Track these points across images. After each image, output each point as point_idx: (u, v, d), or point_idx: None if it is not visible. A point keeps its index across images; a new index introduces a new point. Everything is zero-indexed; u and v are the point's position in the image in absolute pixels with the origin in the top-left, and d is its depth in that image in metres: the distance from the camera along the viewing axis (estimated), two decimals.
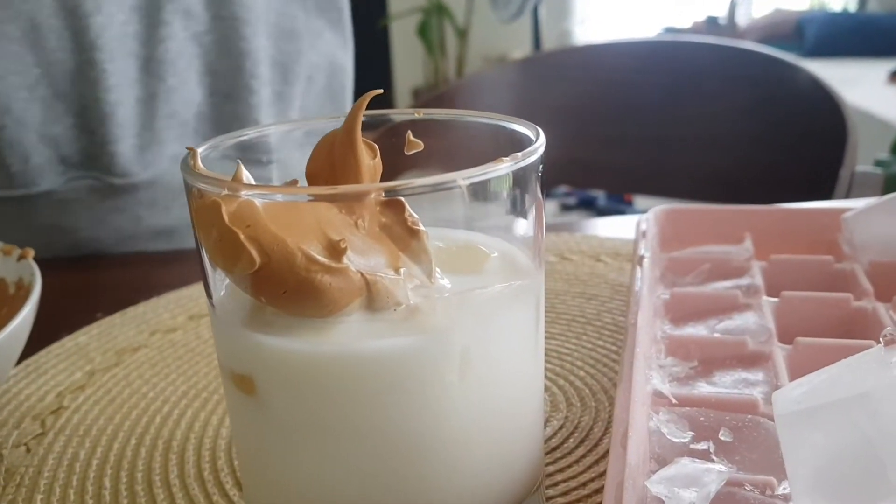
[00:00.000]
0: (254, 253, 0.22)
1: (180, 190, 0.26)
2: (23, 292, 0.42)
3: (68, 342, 0.48)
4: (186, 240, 0.64)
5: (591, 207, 2.70)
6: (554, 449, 0.35)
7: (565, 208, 2.71)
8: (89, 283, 0.60)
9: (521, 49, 3.20)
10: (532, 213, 0.26)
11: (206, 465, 0.35)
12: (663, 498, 0.25)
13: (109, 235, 0.65)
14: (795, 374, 0.32)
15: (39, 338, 0.43)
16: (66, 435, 0.38)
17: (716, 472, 0.25)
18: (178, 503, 0.33)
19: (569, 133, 1.20)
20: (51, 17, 0.58)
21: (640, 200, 2.47)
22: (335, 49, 0.73)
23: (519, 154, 0.24)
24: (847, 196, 0.91)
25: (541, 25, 3.14)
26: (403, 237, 0.25)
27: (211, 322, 0.28)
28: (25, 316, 0.37)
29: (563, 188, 2.54)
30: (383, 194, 0.24)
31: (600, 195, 2.69)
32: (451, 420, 0.25)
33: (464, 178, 0.23)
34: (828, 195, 0.92)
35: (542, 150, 0.26)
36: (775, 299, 0.38)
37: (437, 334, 0.24)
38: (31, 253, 0.43)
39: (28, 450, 0.37)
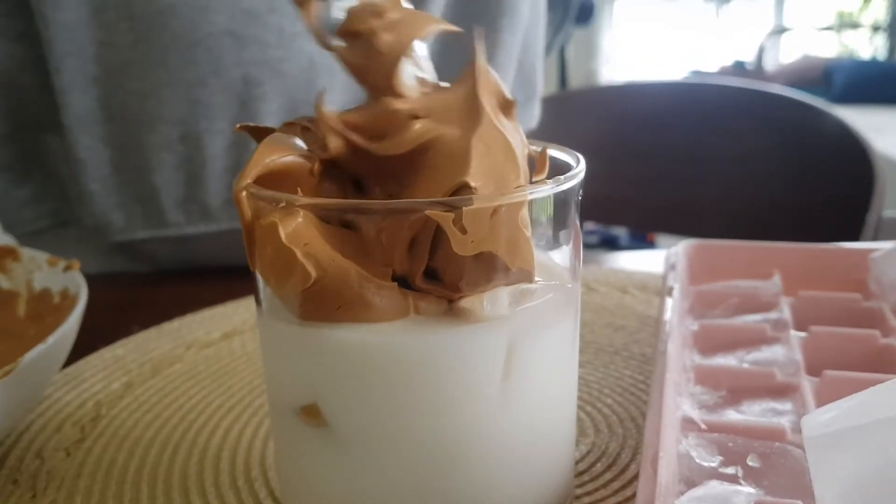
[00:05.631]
0: (310, 268, 0.24)
1: None
2: (67, 302, 0.43)
3: (106, 353, 0.49)
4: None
5: (613, 246, 2.69)
6: (581, 473, 0.35)
7: (587, 247, 2.70)
8: (124, 298, 0.61)
9: (547, 87, 3.23)
10: (571, 236, 0.27)
11: (240, 475, 0.36)
12: None
13: None
14: (823, 405, 0.32)
15: (77, 349, 0.44)
16: (105, 442, 0.39)
17: (745, 493, 0.26)
18: None
19: (594, 171, 1.20)
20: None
21: (662, 240, 2.47)
22: None
23: (561, 177, 0.25)
24: (874, 241, 0.91)
25: (567, 64, 3.17)
26: None
27: (261, 341, 0.29)
28: (72, 322, 0.38)
29: (586, 225, 2.54)
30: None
31: (622, 234, 2.69)
32: (492, 424, 0.26)
33: (507, 199, 0.24)
34: (854, 240, 0.92)
35: (582, 174, 0.27)
36: (803, 333, 0.39)
37: (485, 327, 0.25)
38: (77, 265, 0.44)
39: (68, 454, 0.38)
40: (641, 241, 2.65)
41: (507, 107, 0.27)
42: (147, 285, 0.64)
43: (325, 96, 0.25)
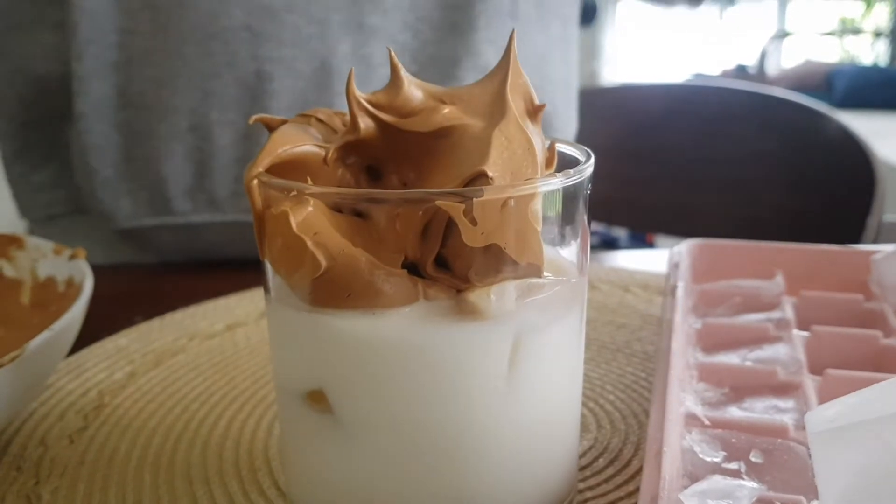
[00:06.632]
0: (321, 258, 0.24)
1: None
2: (72, 291, 0.43)
3: (108, 343, 0.49)
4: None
5: (612, 247, 2.70)
6: (584, 468, 0.36)
7: None
8: (128, 288, 0.61)
9: None
10: (579, 231, 0.28)
11: (243, 465, 0.36)
12: None
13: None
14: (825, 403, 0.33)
15: (81, 338, 0.44)
16: (108, 430, 0.39)
17: (748, 488, 0.26)
18: (216, 499, 0.34)
19: (596, 172, 1.21)
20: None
21: (661, 242, 2.47)
22: None
23: (570, 171, 0.26)
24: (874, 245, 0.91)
25: None
26: None
27: (269, 327, 0.29)
28: (77, 311, 0.38)
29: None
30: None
31: (622, 236, 2.69)
32: (497, 416, 0.26)
33: (516, 191, 0.24)
34: (854, 243, 0.92)
35: (591, 169, 0.27)
36: (806, 333, 0.39)
37: (491, 320, 0.25)
38: (82, 253, 0.44)
39: (71, 441, 0.38)
40: (641, 242, 2.66)
41: (534, 111, 0.27)
42: (152, 276, 0.65)
43: (353, 77, 0.26)
